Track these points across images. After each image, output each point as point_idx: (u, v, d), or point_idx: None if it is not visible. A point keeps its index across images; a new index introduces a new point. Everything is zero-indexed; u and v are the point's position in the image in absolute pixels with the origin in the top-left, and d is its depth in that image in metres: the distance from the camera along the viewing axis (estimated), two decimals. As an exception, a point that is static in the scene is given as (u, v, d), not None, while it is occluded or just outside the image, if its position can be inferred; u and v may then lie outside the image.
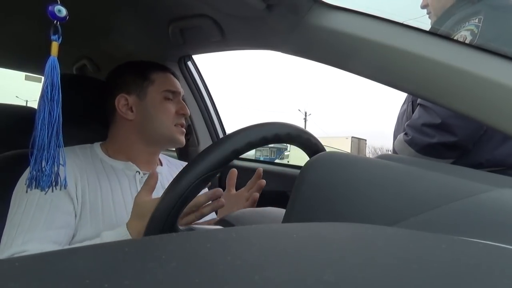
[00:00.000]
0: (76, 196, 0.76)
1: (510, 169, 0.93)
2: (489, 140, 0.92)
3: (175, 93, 0.90)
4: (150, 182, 0.71)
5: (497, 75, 0.51)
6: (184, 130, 0.91)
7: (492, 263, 0.20)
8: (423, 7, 1.10)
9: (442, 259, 0.19)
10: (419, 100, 0.98)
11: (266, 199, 0.83)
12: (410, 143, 0.97)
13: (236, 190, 0.88)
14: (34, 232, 0.70)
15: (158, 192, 0.83)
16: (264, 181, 0.84)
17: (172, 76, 0.92)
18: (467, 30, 0.87)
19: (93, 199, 0.77)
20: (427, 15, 1.08)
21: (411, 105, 1.06)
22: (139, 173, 0.86)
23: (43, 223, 0.71)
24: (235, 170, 0.84)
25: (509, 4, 0.92)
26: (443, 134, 0.91)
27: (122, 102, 0.87)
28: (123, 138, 0.88)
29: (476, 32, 0.85)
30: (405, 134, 1.00)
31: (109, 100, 0.88)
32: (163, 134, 0.88)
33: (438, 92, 0.56)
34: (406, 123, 1.01)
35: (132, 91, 0.87)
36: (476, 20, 0.86)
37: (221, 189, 0.69)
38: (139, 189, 0.83)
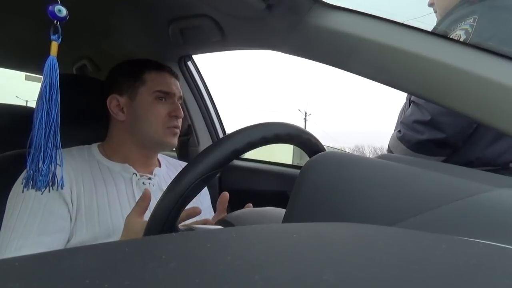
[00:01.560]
0: (71, 200, 0.75)
1: (503, 169, 0.93)
2: (480, 138, 0.93)
3: (169, 94, 0.88)
4: (142, 204, 0.66)
5: (497, 75, 0.51)
6: (177, 132, 0.88)
7: (492, 263, 0.20)
8: (430, 5, 1.10)
9: (442, 259, 0.19)
10: (412, 98, 0.99)
11: (266, 199, 0.83)
12: (402, 139, 0.98)
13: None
14: (27, 238, 0.69)
15: (157, 195, 0.83)
16: (250, 204, 0.79)
17: (167, 76, 0.90)
18: (462, 29, 0.88)
19: (88, 202, 0.76)
20: (434, 14, 1.09)
21: (408, 103, 1.07)
22: (136, 175, 0.85)
23: (36, 228, 0.71)
24: (226, 194, 0.77)
25: (505, 5, 0.92)
26: (432, 131, 0.92)
27: (114, 102, 0.86)
28: (117, 139, 0.88)
29: (470, 31, 0.86)
30: (398, 131, 1.01)
31: (104, 101, 0.88)
32: (152, 136, 0.85)
33: (438, 92, 0.56)
34: (400, 120, 1.02)
35: (124, 92, 0.87)
36: (471, 20, 0.87)
37: (199, 208, 0.66)
38: (135, 191, 0.83)
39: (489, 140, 0.93)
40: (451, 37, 0.87)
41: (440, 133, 0.91)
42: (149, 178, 0.87)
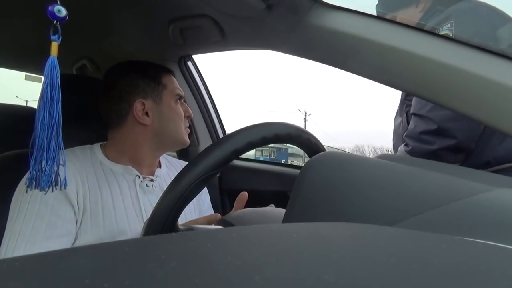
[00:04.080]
0: (77, 202, 0.75)
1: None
2: (490, 137, 0.92)
3: (181, 96, 0.92)
4: None
5: (497, 75, 0.51)
6: (189, 131, 0.93)
7: (492, 263, 0.20)
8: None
9: (442, 259, 0.19)
10: (412, 110, 0.99)
11: (266, 199, 0.83)
12: (412, 153, 0.97)
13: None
14: (34, 243, 0.69)
15: (158, 195, 0.83)
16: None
17: (175, 79, 0.93)
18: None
19: (94, 205, 0.76)
20: None
21: (406, 116, 1.06)
22: (139, 177, 0.85)
23: (43, 232, 0.70)
24: (245, 194, 0.80)
25: (474, 6, 0.94)
26: (443, 139, 0.91)
27: (139, 107, 0.86)
28: (130, 141, 0.87)
29: (451, 35, 0.87)
30: (405, 145, 1.00)
31: (119, 104, 0.86)
32: (176, 137, 0.89)
33: (438, 92, 0.56)
34: (404, 134, 1.01)
35: (148, 96, 0.87)
36: (449, 25, 0.88)
37: (218, 215, 0.70)
38: (138, 193, 0.83)
39: (499, 137, 0.92)
40: None
41: (450, 140, 0.90)
42: (152, 180, 0.87)
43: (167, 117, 0.88)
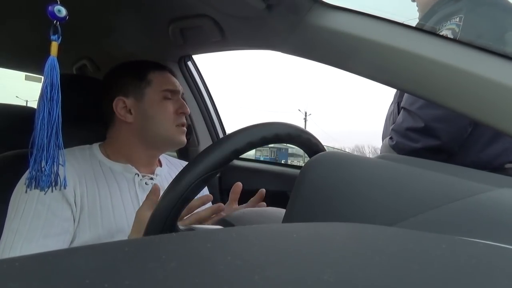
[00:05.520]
0: (75, 201, 0.75)
1: (498, 170, 0.92)
2: (474, 142, 0.91)
3: (174, 92, 0.89)
4: (152, 197, 0.67)
5: (498, 75, 0.51)
6: (185, 130, 0.90)
7: (492, 263, 0.20)
8: (413, 0, 1.09)
9: (442, 259, 0.19)
10: (402, 103, 0.96)
11: (266, 199, 0.83)
12: (395, 148, 0.95)
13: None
14: (31, 241, 0.69)
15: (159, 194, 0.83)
16: (264, 204, 0.82)
17: (170, 75, 0.91)
18: (448, 29, 0.86)
19: (92, 204, 0.77)
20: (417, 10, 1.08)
21: (397, 106, 1.03)
22: (138, 176, 0.85)
23: (40, 231, 0.71)
24: (239, 184, 0.80)
25: (491, 2, 0.90)
26: (427, 138, 0.89)
27: (120, 104, 0.85)
28: (122, 140, 0.87)
29: (457, 31, 0.84)
30: (390, 138, 0.98)
31: (107, 103, 0.87)
32: (163, 136, 0.86)
33: (438, 92, 0.56)
34: (391, 127, 0.99)
35: (130, 93, 0.86)
36: (457, 19, 0.85)
37: (211, 195, 0.70)
38: (138, 191, 0.83)
39: (484, 143, 0.91)
40: None
41: (435, 140, 0.89)
42: (151, 178, 0.87)
43: (148, 115, 0.85)
